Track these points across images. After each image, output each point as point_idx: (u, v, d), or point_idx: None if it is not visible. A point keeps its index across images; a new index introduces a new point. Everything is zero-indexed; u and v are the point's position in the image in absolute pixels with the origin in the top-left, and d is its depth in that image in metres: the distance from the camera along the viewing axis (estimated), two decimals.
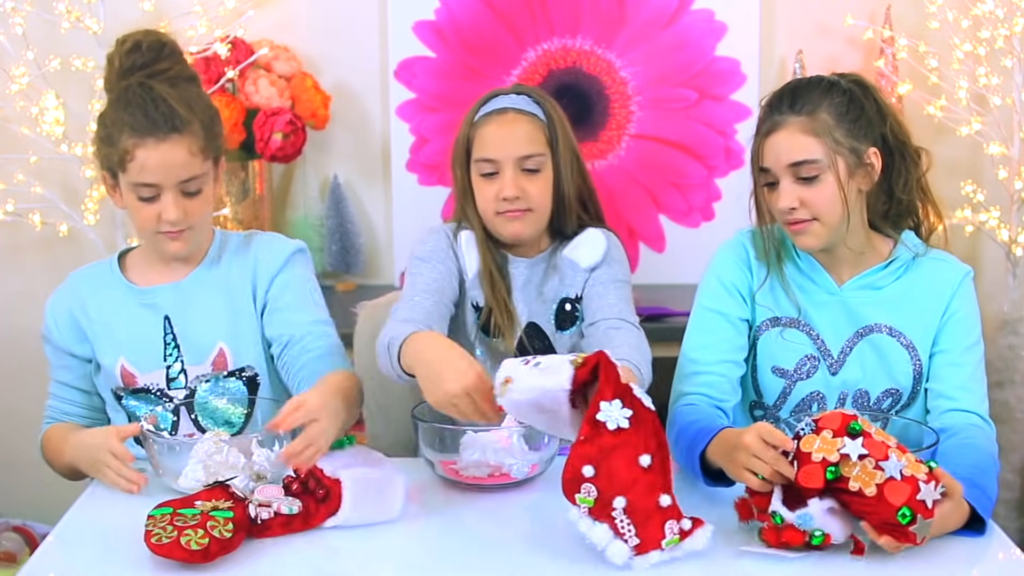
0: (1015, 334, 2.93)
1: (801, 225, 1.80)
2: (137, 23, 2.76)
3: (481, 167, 1.98)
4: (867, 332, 1.85)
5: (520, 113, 1.99)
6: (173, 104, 1.80)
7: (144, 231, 1.87)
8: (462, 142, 2.02)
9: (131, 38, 1.86)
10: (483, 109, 2.01)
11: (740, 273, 1.90)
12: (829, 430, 1.50)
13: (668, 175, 3.06)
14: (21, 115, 2.85)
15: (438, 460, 1.77)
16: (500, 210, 1.97)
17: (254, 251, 1.95)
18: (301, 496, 1.62)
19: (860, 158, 1.79)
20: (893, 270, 1.85)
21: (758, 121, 1.85)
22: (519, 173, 1.96)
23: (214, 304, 1.91)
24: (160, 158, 1.79)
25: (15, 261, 3.05)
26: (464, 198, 2.03)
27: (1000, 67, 2.89)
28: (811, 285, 1.87)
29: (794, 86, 1.83)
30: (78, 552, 1.59)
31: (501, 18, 3.00)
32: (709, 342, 1.88)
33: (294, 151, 2.86)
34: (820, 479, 1.47)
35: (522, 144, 1.97)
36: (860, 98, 1.80)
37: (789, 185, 1.79)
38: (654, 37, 3.00)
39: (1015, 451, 2.96)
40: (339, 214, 3.02)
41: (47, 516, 1.93)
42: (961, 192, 2.91)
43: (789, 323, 1.87)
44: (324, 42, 3.01)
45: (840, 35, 2.98)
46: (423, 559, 1.57)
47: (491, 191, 1.97)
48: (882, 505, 1.45)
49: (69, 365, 1.96)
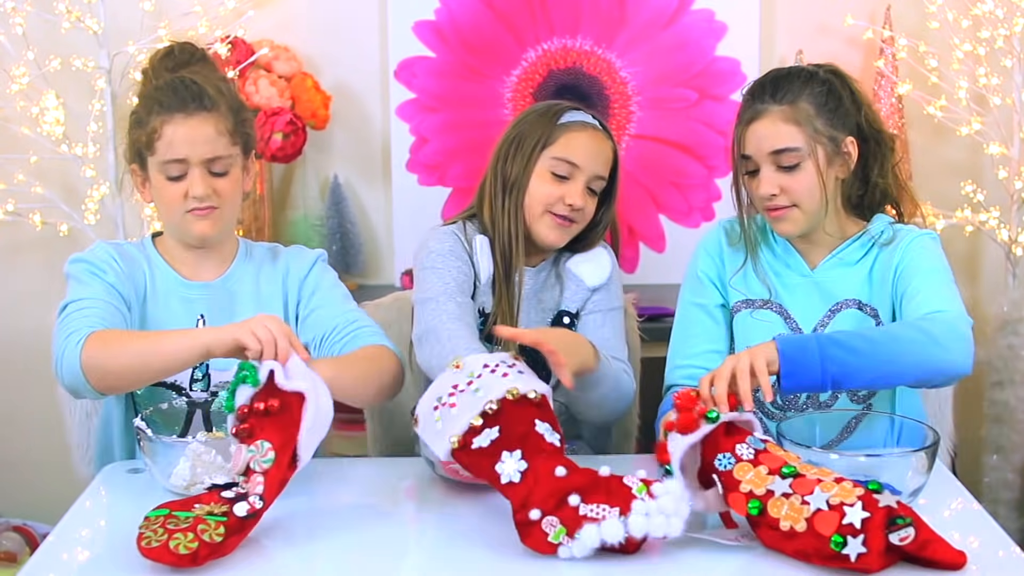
0: (1015, 334, 2.93)
1: (781, 212, 1.85)
2: (137, 23, 2.77)
3: (558, 166, 1.98)
4: (837, 309, 1.89)
5: (606, 137, 2.04)
6: (203, 85, 1.84)
7: (172, 214, 1.86)
8: (537, 140, 2.00)
9: (164, 48, 1.93)
10: (570, 116, 2.02)
11: (713, 263, 1.96)
12: (766, 466, 1.51)
13: (668, 175, 3.06)
14: (21, 115, 2.85)
15: (438, 460, 1.77)
16: (557, 212, 1.98)
17: (283, 261, 1.97)
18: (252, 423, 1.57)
19: (838, 147, 1.85)
20: (860, 244, 1.89)
21: (739, 109, 1.90)
22: (586, 189, 2.00)
23: (244, 308, 1.92)
24: (187, 132, 1.81)
25: (15, 261, 3.05)
26: (506, 192, 2.01)
27: (1000, 67, 2.89)
28: (784, 269, 1.93)
29: (775, 76, 1.88)
30: (78, 552, 1.59)
31: (501, 18, 3.00)
32: (691, 334, 1.95)
33: (294, 151, 2.86)
34: (743, 509, 1.49)
35: (601, 163, 2.01)
36: (838, 88, 1.86)
37: (770, 172, 1.84)
38: (654, 37, 3.00)
39: (1015, 451, 2.96)
40: (339, 214, 3.02)
41: (47, 516, 1.93)
42: (961, 192, 2.91)
43: (761, 304, 1.92)
44: (324, 42, 3.01)
45: (840, 35, 2.98)
46: (422, 558, 1.57)
47: (557, 192, 1.98)
48: (812, 540, 1.44)
49: (112, 299, 1.82)
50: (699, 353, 1.92)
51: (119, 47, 2.81)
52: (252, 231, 2.92)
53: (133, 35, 2.80)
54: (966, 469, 2.86)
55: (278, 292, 1.95)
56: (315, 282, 1.97)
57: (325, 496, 1.75)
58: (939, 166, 3.01)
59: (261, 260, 1.97)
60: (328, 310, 1.93)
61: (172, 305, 1.90)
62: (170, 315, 1.89)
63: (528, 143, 2.00)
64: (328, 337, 1.90)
